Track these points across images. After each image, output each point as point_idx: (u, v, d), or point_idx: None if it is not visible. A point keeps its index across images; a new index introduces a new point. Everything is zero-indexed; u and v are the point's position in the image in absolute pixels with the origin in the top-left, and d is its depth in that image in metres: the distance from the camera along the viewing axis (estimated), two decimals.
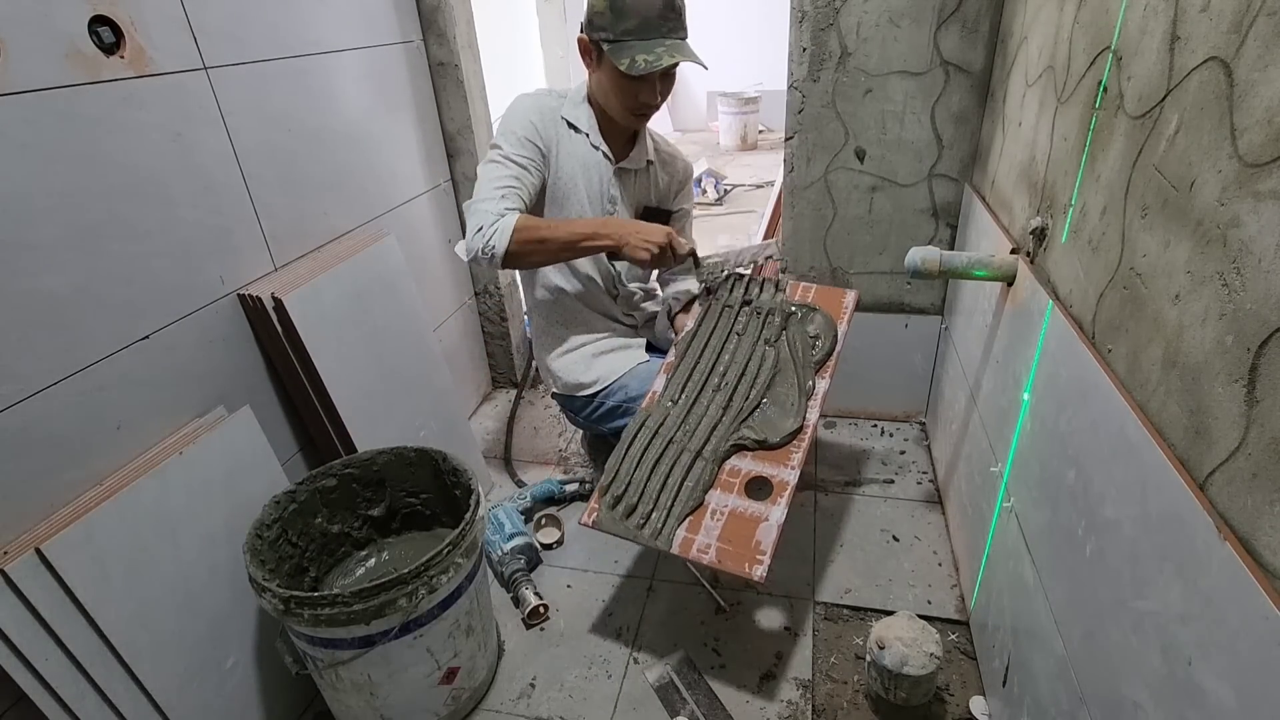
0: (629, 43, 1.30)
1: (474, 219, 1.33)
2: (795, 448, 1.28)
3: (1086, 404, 0.89)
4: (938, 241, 1.80)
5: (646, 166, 1.56)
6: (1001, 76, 1.49)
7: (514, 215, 1.31)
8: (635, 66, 1.29)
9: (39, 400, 0.94)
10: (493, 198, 1.34)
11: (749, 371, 1.40)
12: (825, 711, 1.29)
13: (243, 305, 1.28)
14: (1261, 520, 0.56)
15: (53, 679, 0.91)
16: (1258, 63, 0.60)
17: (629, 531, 1.21)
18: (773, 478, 1.23)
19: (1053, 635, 0.95)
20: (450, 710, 1.26)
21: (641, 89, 1.36)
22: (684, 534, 1.18)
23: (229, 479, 1.19)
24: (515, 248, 1.30)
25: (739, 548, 1.15)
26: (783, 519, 1.17)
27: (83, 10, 0.98)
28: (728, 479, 1.25)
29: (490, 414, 2.24)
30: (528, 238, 1.31)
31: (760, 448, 1.28)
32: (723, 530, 1.18)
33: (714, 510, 1.20)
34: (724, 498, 1.22)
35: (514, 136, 1.39)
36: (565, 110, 1.46)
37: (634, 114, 1.41)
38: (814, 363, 1.39)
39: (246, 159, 1.27)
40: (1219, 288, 0.64)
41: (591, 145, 1.46)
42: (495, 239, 1.30)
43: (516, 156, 1.38)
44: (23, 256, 0.92)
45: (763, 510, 1.19)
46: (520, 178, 1.38)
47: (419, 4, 1.78)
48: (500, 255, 1.30)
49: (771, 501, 1.20)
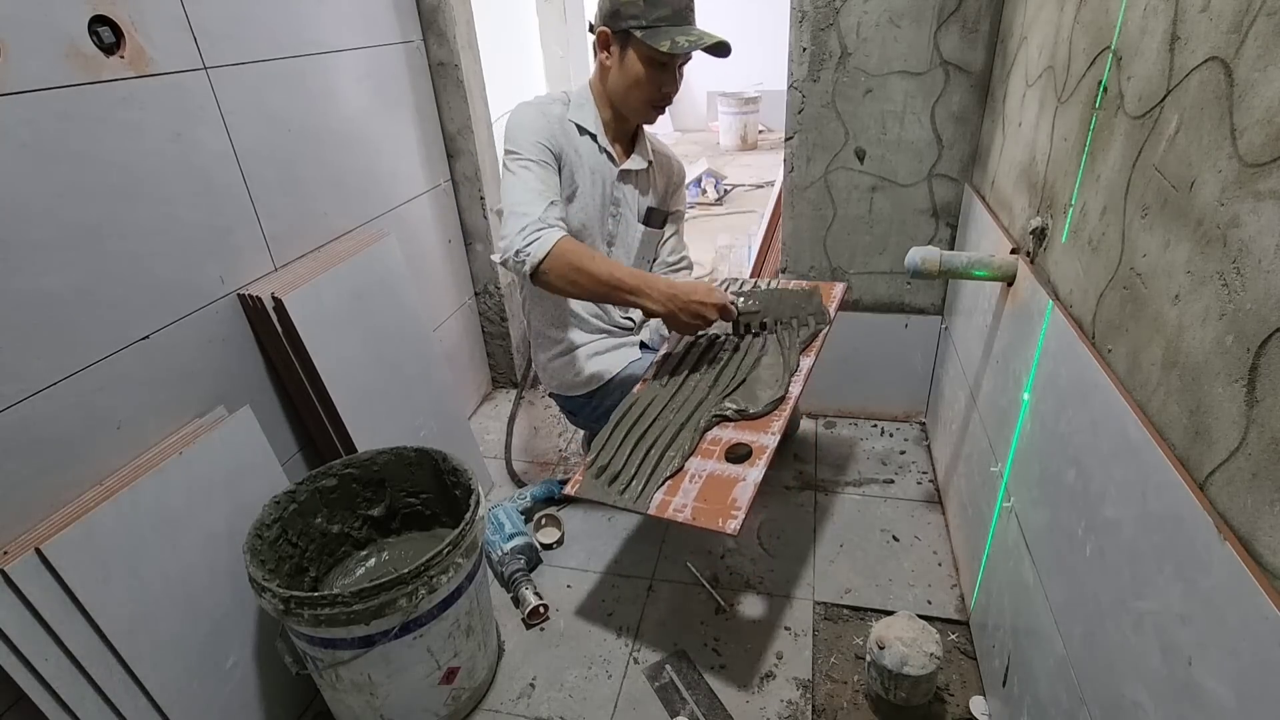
0: (663, 27, 1.33)
1: (515, 220, 1.28)
2: (776, 417, 1.29)
3: (1086, 404, 0.89)
4: (938, 241, 1.80)
5: (647, 167, 1.56)
6: (1001, 76, 1.49)
7: (560, 231, 1.28)
8: (678, 46, 1.32)
9: (39, 400, 0.94)
10: (536, 202, 1.30)
11: (738, 353, 1.44)
12: (825, 711, 1.29)
13: (243, 305, 1.28)
14: (1261, 520, 0.56)
15: (53, 679, 0.91)
16: (1258, 63, 0.60)
17: (608, 496, 1.20)
18: (752, 443, 1.23)
19: (1053, 635, 0.95)
20: (450, 710, 1.26)
21: (665, 78, 1.39)
22: (661, 496, 1.18)
23: (229, 479, 1.19)
24: (551, 264, 1.25)
25: (714, 505, 1.15)
26: (759, 478, 1.17)
27: (83, 10, 0.98)
28: (708, 447, 1.25)
29: (490, 414, 2.24)
30: (569, 261, 1.25)
31: (742, 418, 1.29)
32: (700, 491, 1.18)
33: (693, 475, 1.21)
34: (703, 464, 1.22)
35: (532, 144, 1.36)
36: (571, 113, 1.46)
37: (653, 106, 1.43)
38: (800, 342, 1.43)
39: (246, 159, 1.27)
40: (1219, 288, 0.64)
41: (599, 148, 1.47)
42: (535, 247, 1.25)
43: (544, 161, 1.36)
44: (23, 256, 0.92)
45: (740, 471, 1.19)
46: (551, 183, 1.35)
47: (419, 4, 1.78)
48: (533, 265, 1.25)
49: (750, 464, 1.20)
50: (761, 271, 3.00)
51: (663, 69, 1.37)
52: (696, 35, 1.34)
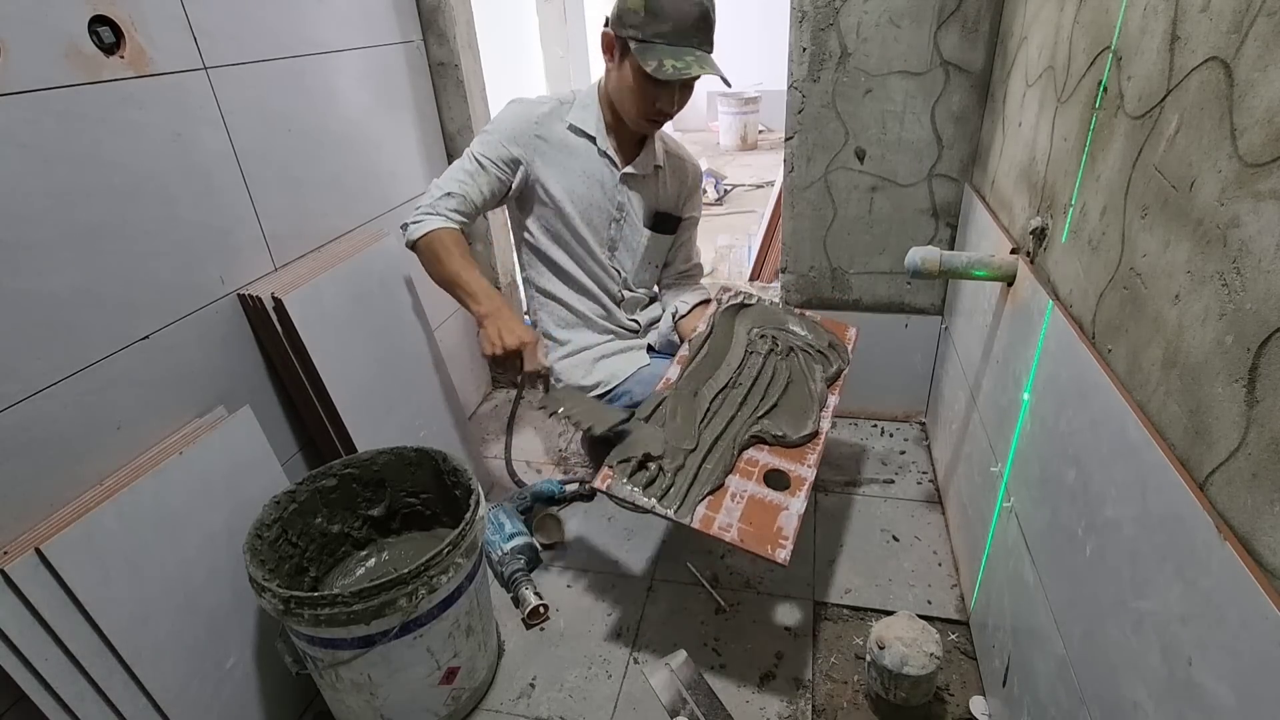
0: (658, 45, 1.27)
1: (425, 196, 1.44)
2: (811, 449, 1.30)
3: (1086, 404, 0.89)
4: (938, 241, 1.80)
5: (655, 171, 1.54)
6: (1001, 76, 1.49)
7: (443, 221, 1.40)
8: (663, 70, 1.26)
9: (39, 400, 0.94)
10: (444, 188, 1.42)
11: (764, 374, 1.43)
12: (825, 711, 1.29)
13: (243, 305, 1.28)
14: (1261, 520, 0.56)
15: (53, 679, 0.91)
16: (1258, 63, 0.60)
17: (646, 501, 1.17)
18: (790, 472, 1.24)
19: (1053, 635, 0.95)
20: (450, 710, 1.26)
21: (661, 96, 1.34)
22: (704, 511, 1.18)
23: (229, 479, 1.19)
24: (422, 245, 1.40)
25: (760, 530, 1.15)
26: (803, 510, 1.18)
27: (83, 10, 0.98)
28: (746, 467, 1.25)
29: (490, 414, 2.24)
30: (434, 248, 1.39)
31: (778, 444, 1.30)
32: (744, 512, 1.18)
33: (734, 493, 1.21)
34: (743, 483, 1.22)
35: (493, 141, 1.44)
36: (572, 115, 1.45)
37: (647, 119, 1.39)
38: (825, 378, 1.45)
39: (246, 159, 1.27)
40: (1219, 288, 0.64)
41: (599, 152, 1.46)
42: (415, 227, 1.41)
43: (482, 157, 1.43)
44: (23, 256, 0.92)
45: (782, 500, 1.19)
46: (475, 176, 1.43)
47: (419, 4, 1.78)
48: (409, 241, 1.42)
49: (791, 493, 1.21)
50: (761, 272, 3.00)
51: (657, 86, 1.32)
52: (685, 64, 1.27)
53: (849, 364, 1.52)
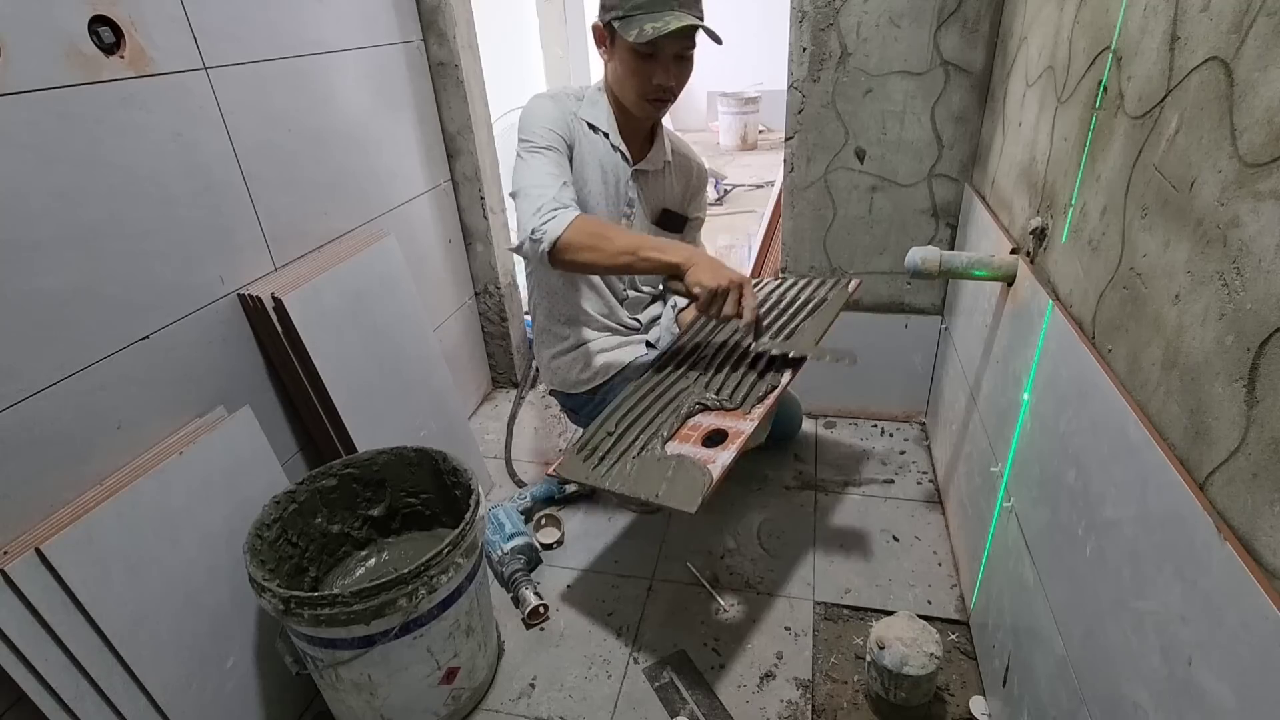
0: (637, 15, 1.28)
1: (529, 201, 1.28)
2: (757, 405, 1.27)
3: (1086, 404, 0.89)
4: (938, 241, 1.80)
5: (664, 168, 1.54)
6: (1001, 76, 1.49)
7: (576, 210, 1.28)
8: (644, 34, 1.26)
9: (39, 400, 0.94)
10: (550, 184, 1.30)
11: (715, 343, 1.44)
12: (825, 711, 1.29)
13: (243, 305, 1.28)
14: (1261, 520, 0.56)
15: (53, 679, 0.91)
16: (1258, 63, 0.60)
17: (585, 474, 1.20)
18: (730, 429, 1.23)
19: (1053, 635, 0.95)
20: (450, 710, 1.26)
21: (655, 69, 1.33)
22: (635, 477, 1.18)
23: (229, 479, 1.19)
24: (571, 236, 1.24)
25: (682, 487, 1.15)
26: (729, 461, 1.16)
27: (83, 10, 0.98)
28: (687, 433, 1.25)
29: (490, 414, 2.24)
30: (589, 230, 1.25)
31: (721, 408, 1.28)
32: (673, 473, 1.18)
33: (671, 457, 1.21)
34: (680, 447, 1.22)
35: (544, 130, 1.37)
36: (583, 111, 1.45)
37: (649, 100, 1.38)
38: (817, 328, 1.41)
39: (246, 159, 1.27)
40: (1219, 288, 0.64)
41: (611, 146, 1.45)
42: (551, 225, 1.24)
43: (548, 148, 1.36)
44: (23, 256, 0.92)
45: (712, 454, 1.19)
46: (564, 167, 1.36)
47: (419, 4, 1.78)
48: (550, 242, 1.24)
49: (723, 448, 1.20)
50: (761, 271, 2.99)
51: (649, 59, 1.32)
52: (665, 22, 1.26)
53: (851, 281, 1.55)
